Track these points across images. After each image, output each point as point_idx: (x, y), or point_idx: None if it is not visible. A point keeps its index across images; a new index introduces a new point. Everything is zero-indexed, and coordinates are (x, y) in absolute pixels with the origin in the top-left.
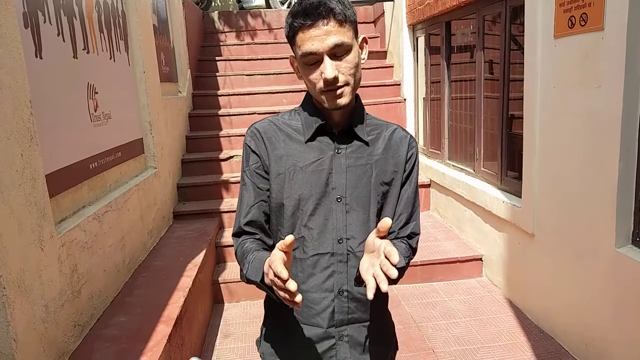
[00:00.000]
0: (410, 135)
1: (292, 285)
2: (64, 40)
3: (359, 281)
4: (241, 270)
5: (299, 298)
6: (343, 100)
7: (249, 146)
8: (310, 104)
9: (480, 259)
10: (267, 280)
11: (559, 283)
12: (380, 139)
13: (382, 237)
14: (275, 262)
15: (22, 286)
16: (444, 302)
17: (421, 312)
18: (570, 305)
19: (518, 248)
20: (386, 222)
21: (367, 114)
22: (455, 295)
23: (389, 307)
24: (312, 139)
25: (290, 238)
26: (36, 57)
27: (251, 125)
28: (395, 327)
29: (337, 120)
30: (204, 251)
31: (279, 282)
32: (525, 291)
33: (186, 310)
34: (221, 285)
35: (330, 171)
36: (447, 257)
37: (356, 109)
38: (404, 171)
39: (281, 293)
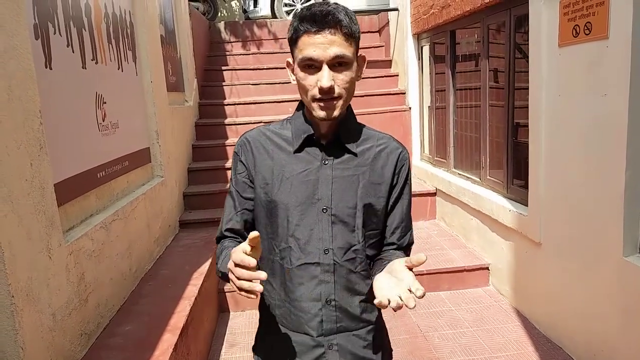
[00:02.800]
0: (402, 148)
1: (257, 274)
2: (73, 51)
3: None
4: (217, 264)
5: (258, 288)
6: (333, 113)
7: (238, 155)
8: (301, 115)
9: (487, 268)
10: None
11: (567, 292)
12: (369, 150)
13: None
14: (236, 251)
15: (30, 294)
16: (450, 312)
17: (427, 322)
18: (578, 314)
19: (525, 257)
20: (421, 258)
21: (359, 123)
22: (462, 304)
23: (394, 316)
24: (300, 149)
25: (254, 233)
26: (46, 67)
27: (242, 135)
28: (402, 337)
29: (325, 131)
30: (209, 260)
31: (239, 271)
32: (532, 300)
33: (192, 319)
34: (227, 294)
35: (317, 182)
36: (454, 266)
37: (345, 120)
38: (395, 183)
39: (237, 283)
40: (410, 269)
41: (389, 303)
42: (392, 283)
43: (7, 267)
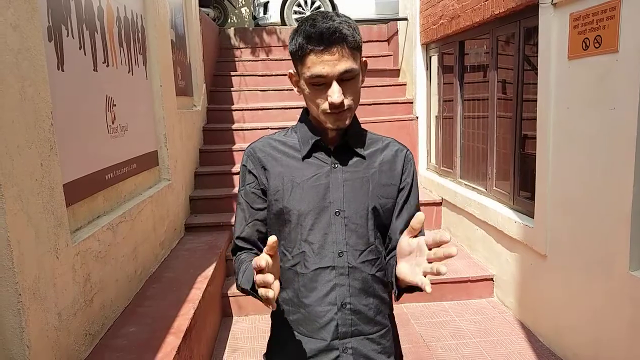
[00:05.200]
0: (406, 148)
1: (269, 277)
2: (85, 54)
3: (400, 286)
4: (236, 280)
5: (270, 293)
6: (344, 123)
7: (246, 166)
8: (306, 122)
9: (492, 279)
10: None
11: (572, 305)
12: (376, 152)
13: (414, 236)
14: (257, 259)
15: (37, 293)
16: (454, 322)
17: (431, 332)
18: (582, 328)
19: (530, 269)
20: (419, 217)
21: (362, 128)
22: (466, 315)
23: (398, 325)
24: (308, 155)
25: (273, 239)
26: (58, 69)
27: (248, 146)
28: (405, 346)
29: (333, 136)
30: (214, 264)
31: (258, 278)
32: (537, 313)
33: (195, 322)
34: (230, 298)
35: (328, 186)
36: (458, 277)
37: (352, 125)
38: (402, 183)
39: (262, 290)
40: (415, 236)
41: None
42: (414, 260)
43: (15, 265)
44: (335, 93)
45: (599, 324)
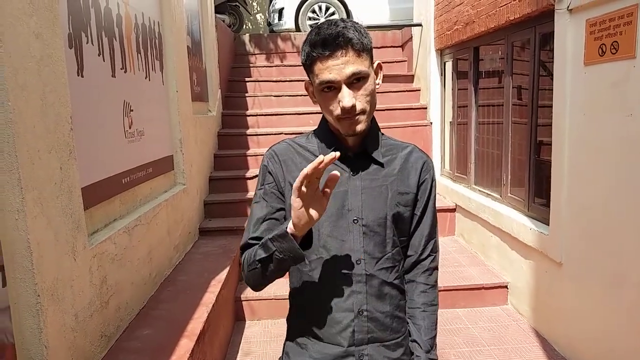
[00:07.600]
0: (427, 157)
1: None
2: (104, 60)
3: None
4: (247, 266)
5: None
6: (359, 127)
7: (267, 167)
8: (325, 128)
9: (506, 287)
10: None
11: (587, 313)
12: (395, 159)
13: None
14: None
15: (55, 295)
16: (467, 329)
17: (444, 339)
18: (598, 336)
19: (545, 276)
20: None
21: (382, 134)
22: (479, 322)
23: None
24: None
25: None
26: (78, 75)
27: (269, 148)
28: None
29: (352, 143)
30: (227, 268)
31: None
32: (551, 321)
33: (209, 325)
34: (243, 302)
35: (347, 193)
36: (472, 284)
37: (371, 131)
38: (420, 193)
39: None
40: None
41: None
42: None
43: (34, 267)
44: (345, 97)
45: (615, 333)
